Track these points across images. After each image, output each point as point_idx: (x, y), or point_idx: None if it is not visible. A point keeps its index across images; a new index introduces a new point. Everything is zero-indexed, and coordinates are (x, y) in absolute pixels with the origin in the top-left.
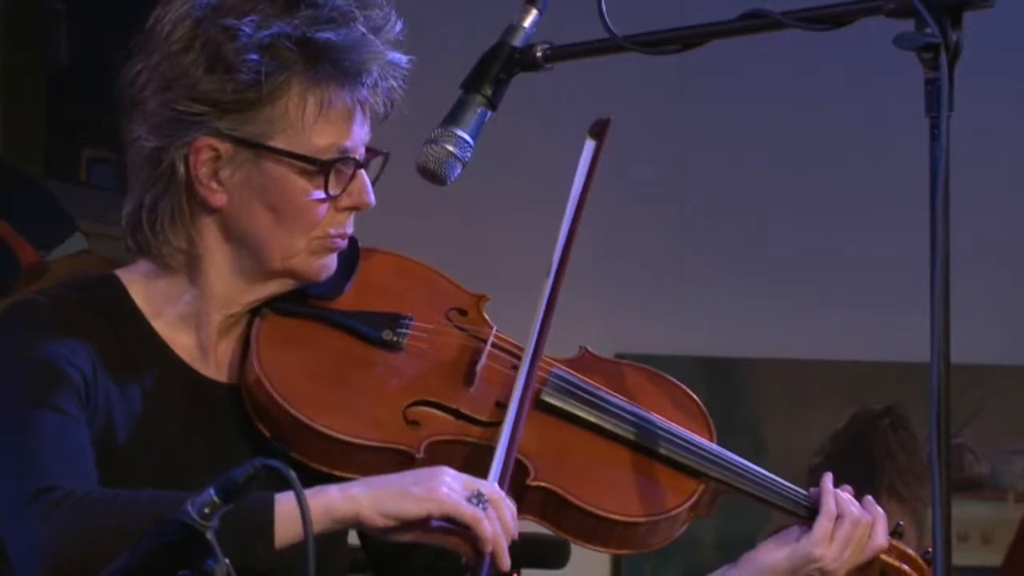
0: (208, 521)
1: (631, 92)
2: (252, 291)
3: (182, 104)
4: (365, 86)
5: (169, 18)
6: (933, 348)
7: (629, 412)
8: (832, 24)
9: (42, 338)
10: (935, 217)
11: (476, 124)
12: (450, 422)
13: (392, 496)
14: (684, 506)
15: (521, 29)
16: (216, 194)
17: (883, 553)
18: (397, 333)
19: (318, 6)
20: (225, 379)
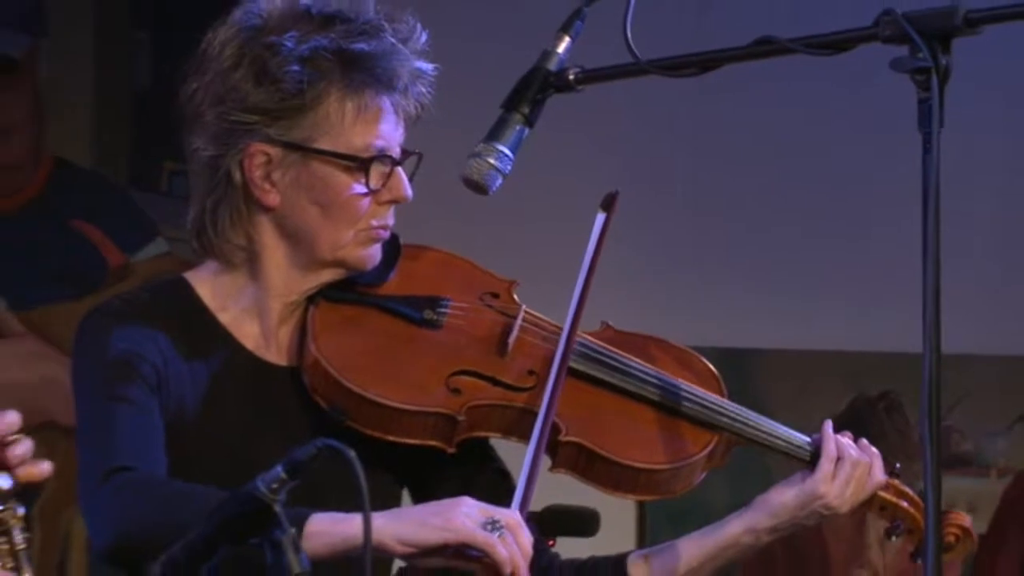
0: (276, 495)
1: (653, 97)
2: (307, 281)
3: (235, 115)
4: (397, 90)
5: (219, 41)
6: (925, 340)
7: (648, 374)
8: (834, 50)
9: (119, 337)
10: (927, 222)
11: (515, 140)
12: (487, 388)
13: (411, 525)
14: (701, 455)
15: (555, 54)
16: (269, 194)
17: (881, 490)
18: (437, 312)
19: (351, 21)
20: (285, 362)
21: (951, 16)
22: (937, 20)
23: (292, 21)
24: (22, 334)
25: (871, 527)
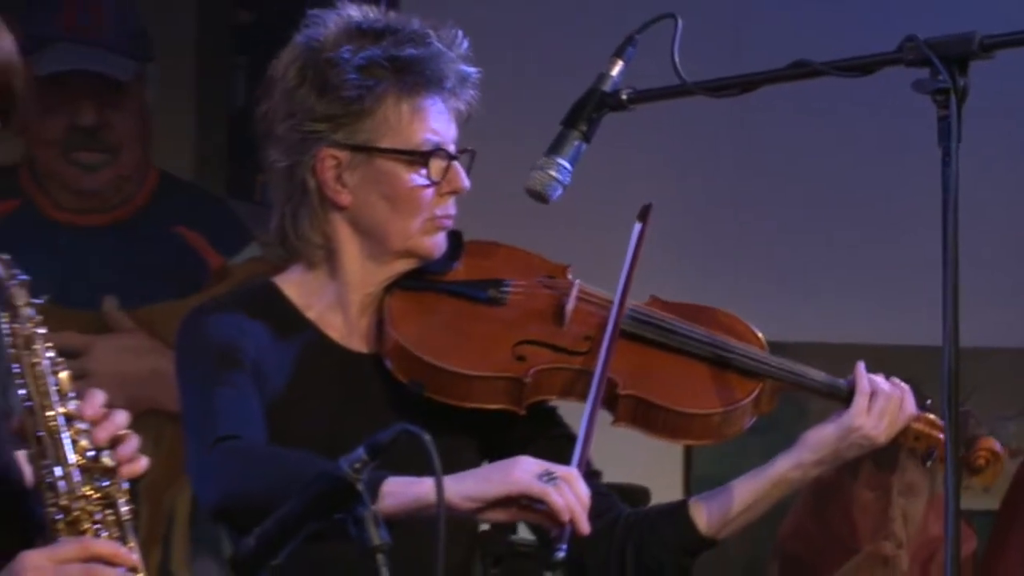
0: (358, 474)
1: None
2: (381, 272)
3: (304, 126)
4: (446, 90)
5: (283, 63)
6: (945, 334)
7: (694, 332)
8: (861, 72)
9: (217, 330)
10: (946, 228)
11: (573, 154)
12: (549, 354)
13: (474, 482)
14: (747, 400)
15: (609, 77)
16: (341, 194)
17: (914, 421)
18: (500, 292)
19: (399, 31)
20: (367, 350)
21: (968, 42)
22: (955, 45)
23: (346, 37)
24: (132, 330)
25: (895, 503)
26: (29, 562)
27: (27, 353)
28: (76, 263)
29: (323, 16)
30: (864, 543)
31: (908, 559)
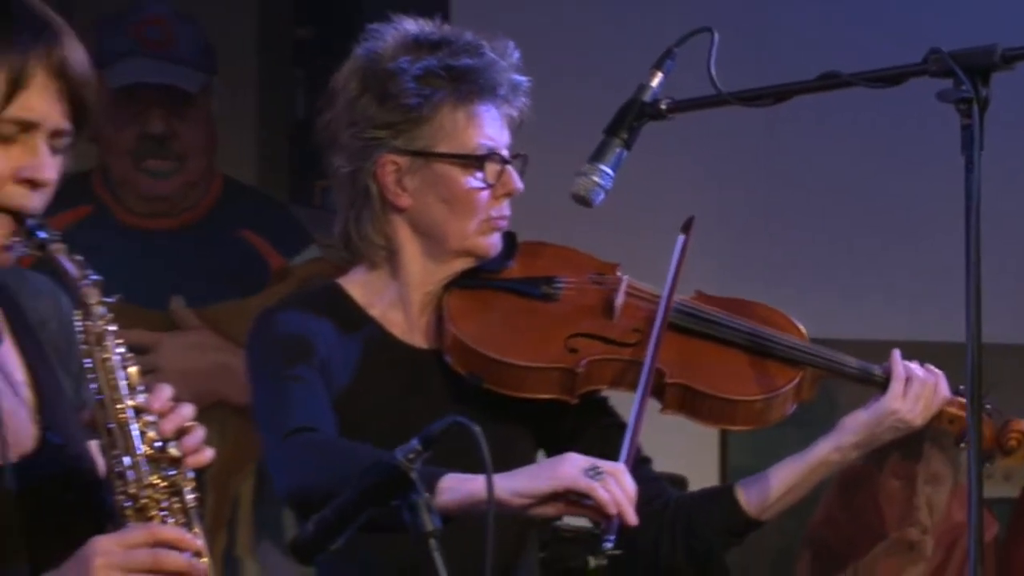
0: (412, 464)
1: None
2: (440, 271)
3: (366, 133)
4: (499, 97)
5: (343, 75)
6: (968, 330)
7: (737, 324)
8: (888, 83)
9: (287, 329)
10: (969, 231)
11: (615, 160)
12: (600, 346)
13: (523, 479)
14: (788, 387)
15: (649, 88)
16: (401, 197)
17: (947, 404)
18: (552, 288)
19: (454, 42)
20: (427, 346)
21: (990, 54)
22: (978, 57)
23: (404, 49)
24: (198, 327)
25: (920, 491)
26: (99, 547)
27: (98, 349)
28: (146, 265)
29: (382, 30)
30: (891, 530)
31: (933, 544)
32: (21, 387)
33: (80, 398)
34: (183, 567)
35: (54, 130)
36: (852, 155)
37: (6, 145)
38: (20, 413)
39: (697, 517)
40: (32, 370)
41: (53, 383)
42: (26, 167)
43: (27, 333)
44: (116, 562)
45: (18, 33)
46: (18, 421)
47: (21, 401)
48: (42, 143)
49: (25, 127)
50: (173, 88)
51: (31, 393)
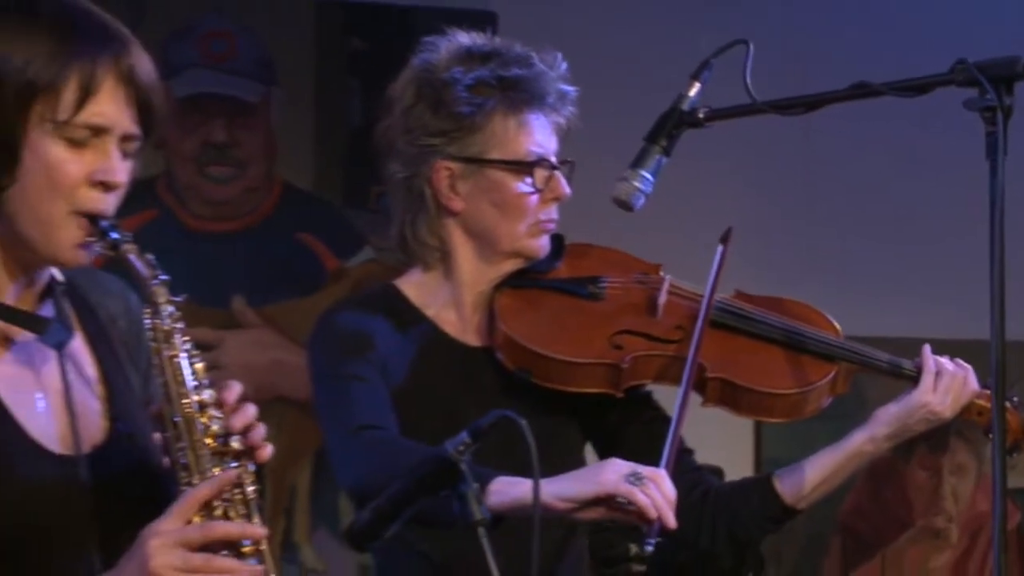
0: (462, 456)
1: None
2: (491, 271)
3: (421, 140)
4: (548, 106)
5: (399, 85)
6: (992, 328)
7: (775, 321)
8: (916, 92)
9: (347, 330)
10: (993, 233)
11: (655, 166)
12: (644, 342)
13: (566, 484)
14: (824, 381)
15: (687, 97)
16: (455, 201)
17: (976, 397)
18: (598, 287)
19: (504, 54)
20: (479, 343)
21: (1013, 64)
22: (1002, 67)
23: (457, 60)
24: (258, 326)
25: (946, 481)
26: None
27: (166, 346)
28: (208, 266)
29: (436, 42)
30: (918, 518)
31: (958, 532)
32: (92, 382)
33: (147, 393)
34: (234, 534)
35: (124, 134)
36: (882, 161)
37: (79, 150)
38: (91, 406)
39: (737, 505)
40: (102, 366)
41: (122, 378)
42: (98, 171)
43: (97, 330)
44: (171, 540)
45: (87, 42)
46: (89, 414)
47: (92, 395)
48: (113, 147)
49: (96, 132)
50: (234, 98)
51: (101, 387)
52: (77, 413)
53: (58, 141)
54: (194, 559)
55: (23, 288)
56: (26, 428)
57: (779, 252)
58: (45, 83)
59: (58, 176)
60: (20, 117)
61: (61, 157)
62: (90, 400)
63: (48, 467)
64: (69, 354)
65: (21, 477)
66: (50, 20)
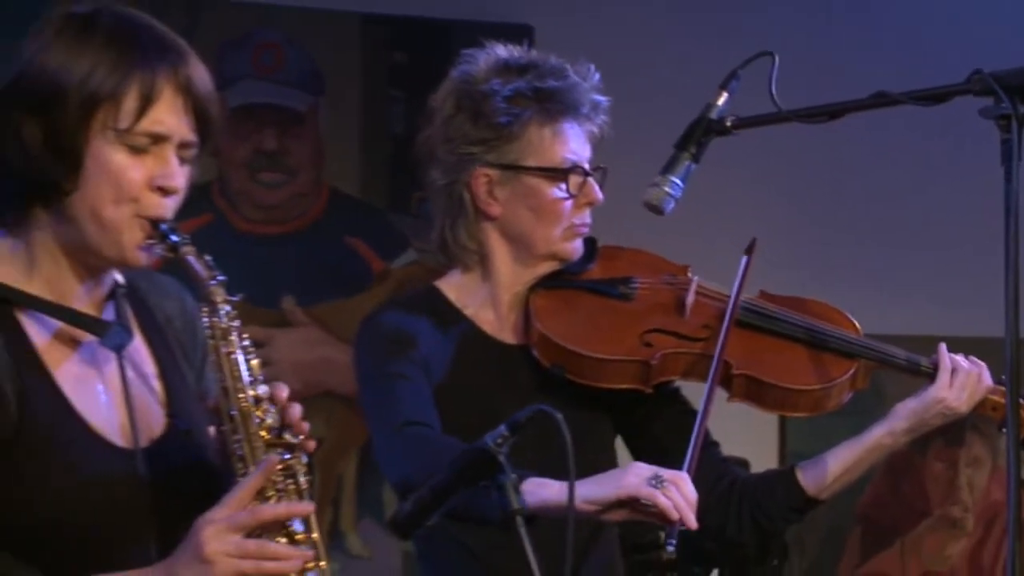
0: (500, 448)
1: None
2: (527, 273)
3: (461, 148)
4: (582, 115)
5: (440, 96)
6: (1007, 326)
7: (797, 321)
8: (934, 101)
9: (391, 331)
10: (1008, 236)
11: (684, 172)
12: (672, 340)
13: (591, 487)
14: (844, 377)
15: (715, 106)
16: (493, 207)
17: (990, 393)
18: (629, 288)
19: (540, 66)
20: (516, 341)
21: None
22: (1017, 77)
23: (495, 72)
24: (307, 324)
25: (962, 473)
26: (205, 518)
27: (224, 343)
28: (260, 267)
29: (475, 54)
30: (935, 508)
31: (973, 521)
32: (150, 378)
33: (201, 389)
34: (281, 515)
35: (182, 142)
36: (900, 168)
37: (139, 156)
38: (150, 402)
39: (761, 496)
40: (160, 363)
41: (179, 375)
42: (158, 176)
43: (155, 329)
44: (224, 527)
45: (147, 53)
46: (148, 410)
47: (150, 391)
48: (171, 154)
49: (156, 139)
50: (284, 108)
51: (159, 384)
52: (136, 409)
53: (119, 148)
54: (247, 544)
55: (89, 291)
56: (90, 423)
57: (802, 254)
58: (107, 93)
59: (120, 182)
60: (83, 126)
61: (122, 163)
62: (148, 396)
63: (109, 460)
64: (129, 353)
65: (85, 469)
66: (110, 33)
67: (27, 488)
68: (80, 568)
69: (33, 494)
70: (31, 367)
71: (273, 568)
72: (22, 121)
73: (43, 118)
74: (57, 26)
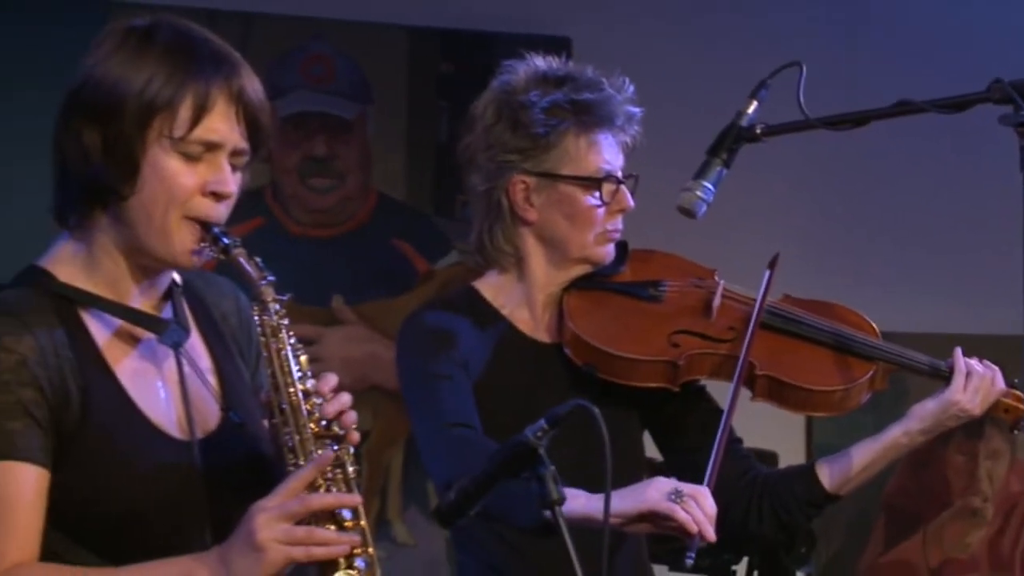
0: (540, 441)
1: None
2: (561, 275)
3: (500, 156)
4: (615, 127)
5: (481, 104)
6: None
7: (819, 324)
8: (955, 109)
9: (432, 331)
10: None
11: (716, 177)
12: (699, 342)
13: (616, 501)
14: (864, 379)
15: (745, 114)
16: (529, 212)
17: (1003, 396)
18: (658, 290)
19: (577, 79)
20: (549, 340)
21: None
22: None
23: (534, 83)
24: (355, 322)
25: (981, 464)
26: (257, 506)
27: (274, 340)
28: (310, 268)
29: (515, 65)
30: (956, 498)
31: (992, 511)
32: (207, 374)
33: (256, 384)
34: (330, 503)
35: (234, 149)
36: (921, 173)
37: (193, 163)
38: (205, 396)
39: (783, 491)
40: (215, 358)
41: (234, 370)
42: (211, 182)
43: (211, 327)
44: (275, 515)
45: (201, 65)
46: (203, 403)
47: (206, 386)
48: (224, 161)
49: (209, 147)
50: (333, 116)
51: (215, 379)
52: (192, 402)
53: (174, 155)
54: (296, 531)
55: (147, 291)
56: (149, 416)
57: (827, 255)
58: (163, 103)
59: (174, 187)
60: (140, 134)
61: (177, 169)
62: (204, 391)
63: (167, 450)
64: (186, 349)
65: (144, 460)
66: (167, 46)
67: (89, 479)
68: (138, 553)
69: (95, 484)
70: (94, 364)
71: (322, 553)
72: (83, 128)
73: (103, 126)
74: (117, 39)
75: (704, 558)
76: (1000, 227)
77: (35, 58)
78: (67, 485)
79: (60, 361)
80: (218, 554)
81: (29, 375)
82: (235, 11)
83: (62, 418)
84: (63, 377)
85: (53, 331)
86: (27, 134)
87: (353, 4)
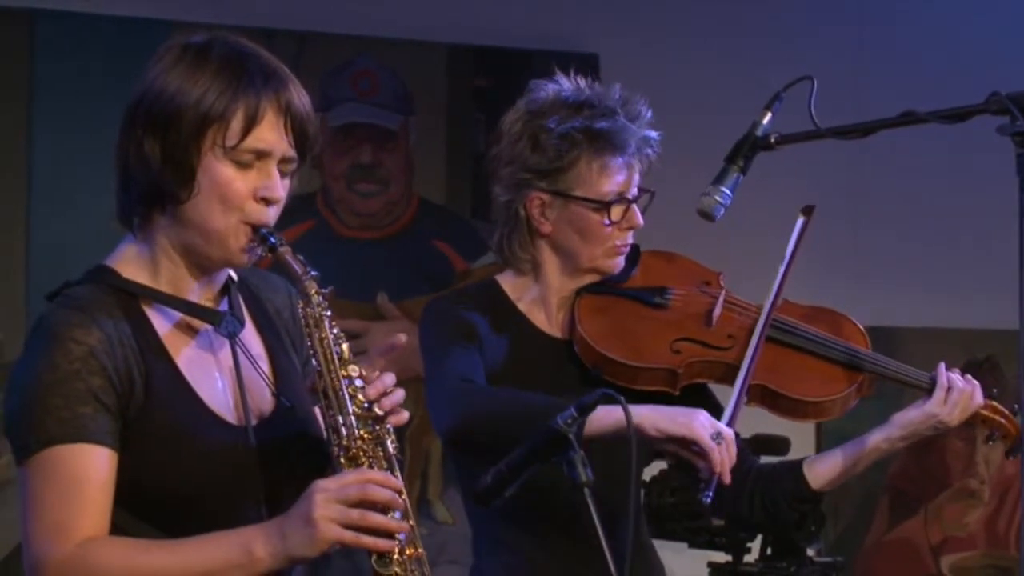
0: (569, 428)
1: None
2: (573, 282)
3: (520, 173)
4: (628, 153)
5: (507, 122)
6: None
7: (812, 336)
8: (956, 120)
9: (451, 312)
10: (1023, 238)
11: (733, 183)
12: (700, 349)
13: (664, 418)
14: (851, 389)
15: (761, 124)
16: (544, 225)
17: (981, 409)
18: (664, 297)
19: (595, 106)
20: (562, 336)
21: None
22: None
23: (556, 108)
24: (398, 317)
25: (979, 449)
26: (318, 485)
27: (317, 330)
28: (357, 267)
29: (542, 85)
30: (955, 480)
31: (989, 492)
32: (261, 361)
33: (306, 372)
34: (386, 499)
35: (283, 157)
36: (926, 178)
37: (245, 171)
38: (259, 383)
39: (772, 485)
40: (269, 348)
41: (286, 360)
42: (261, 188)
43: (265, 319)
44: (332, 496)
45: (252, 80)
46: (258, 389)
47: (260, 374)
48: (273, 168)
49: (259, 155)
50: (379, 126)
51: (268, 368)
52: (247, 389)
53: (227, 163)
54: (351, 513)
55: (205, 287)
56: (207, 402)
57: (836, 253)
58: (217, 114)
59: (228, 192)
60: (196, 143)
61: (230, 176)
62: (258, 378)
63: (223, 434)
64: (241, 339)
65: (203, 443)
66: (221, 61)
67: (152, 459)
68: (197, 528)
69: (157, 465)
70: (155, 353)
71: (370, 542)
72: (143, 138)
73: (161, 136)
74: (175, 54)
75: (721, 536)
76: (998, 223)
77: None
78: (132, 465)
79: (125, 351)
80: (277, 524)
81: (97, 364)
82: (290, 30)
83: (128, 403)
84: (128, 365)
85: (118, 323)
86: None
87: (397, 23)
